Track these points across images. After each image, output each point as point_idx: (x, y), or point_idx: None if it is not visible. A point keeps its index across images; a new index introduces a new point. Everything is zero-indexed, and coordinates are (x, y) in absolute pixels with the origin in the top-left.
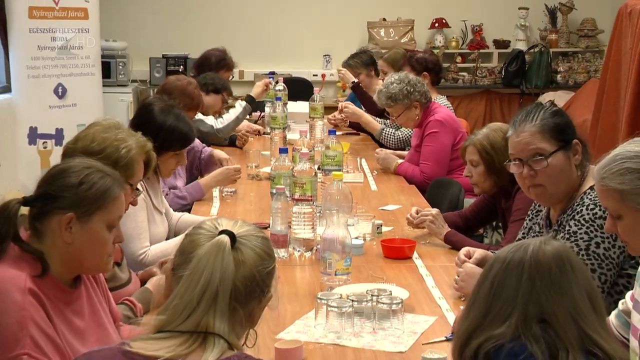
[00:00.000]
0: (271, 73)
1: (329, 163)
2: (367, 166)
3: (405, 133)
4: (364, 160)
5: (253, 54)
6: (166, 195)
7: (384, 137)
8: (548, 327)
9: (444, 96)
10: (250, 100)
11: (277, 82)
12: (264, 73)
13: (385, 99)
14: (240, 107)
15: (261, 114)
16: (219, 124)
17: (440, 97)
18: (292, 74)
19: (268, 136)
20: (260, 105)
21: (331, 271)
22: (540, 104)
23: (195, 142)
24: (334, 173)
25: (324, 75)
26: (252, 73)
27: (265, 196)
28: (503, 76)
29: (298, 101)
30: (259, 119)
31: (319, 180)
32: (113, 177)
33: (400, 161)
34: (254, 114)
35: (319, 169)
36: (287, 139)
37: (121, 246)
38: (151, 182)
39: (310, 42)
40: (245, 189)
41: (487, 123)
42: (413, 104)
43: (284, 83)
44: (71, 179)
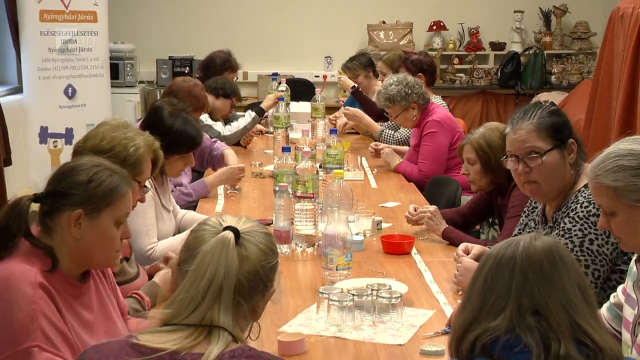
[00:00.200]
0: (274, 74)
1: (330, 161)
2: (367, 164)
3: (404, 134)
4: (364, 159)
5: (257, 56)
6: (172, 191)
7: (384, 139)
8: (541, 318)
9: (439, 96)
10: (259, 112)
11: (280, 83)
12: (268, 74)
13: (384, 100)
14: (249, 118)
15: (265, 114)
16: (226, 131)
17: (436, 97)
18: (294, 75)
19: (271, 135)
20: None
21: (332, 266)
22: (540, 103)
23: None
24: (335, 171)
25: (325, 77)
26: (255, 74)
27: (268, 193)
28: (499, 77)
29: (300, 101)
30: (263, 118)
31: (320, 178)
32: (121, 174)
33: (400, 160)
34: None
35: (321, 167)
36: (290, 138)
37: (130, 242)
38: (159, 181)
39: (312, 44)
40: (249, 186)
41: (483, 123)
42: (411, 105)
43: (287, 84)
44: (80, 176)
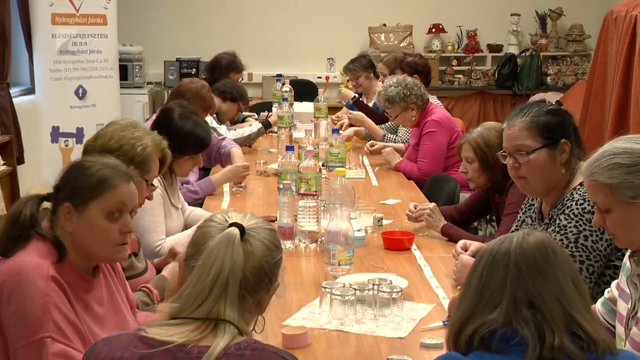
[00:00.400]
0: (278, 75)
1: (333, 160)
2: (369, 163)
3: (404, 137)
4: (365, 158)
5: (261, 58)
6: (179, 189)
7: (386, 142)
8: (536, 311)
9: (435, 96)
10: (266, 124)
11: (283, 84)
12: (272, 75)
13: (383, 101)
14: (255, 128)
15: (269, 114)
16: (231, 135)
17: (431, 97)
18: (297, 76)
19: (275, 135)
20: (268, 106)
21: (335, 261)
22: (541, 102)
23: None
24: (337, 169)
25: (327, 78)
26: (260, 75)
27: (272, 191)
28: (496, 78)
29: (303, 102)
30: (267, 118)
31: (323, 176)
32: (114, 168)
33: (400, 159)
34: (262, 114)
35: (323, 165)
36: (293, 137)
37: (139, 238)
38: (169, 180)
39: (314, 46)
40: (254, 184)
41: (481, 122)
42: (410, 106)
43: (290, 85)
44: (73, 173)
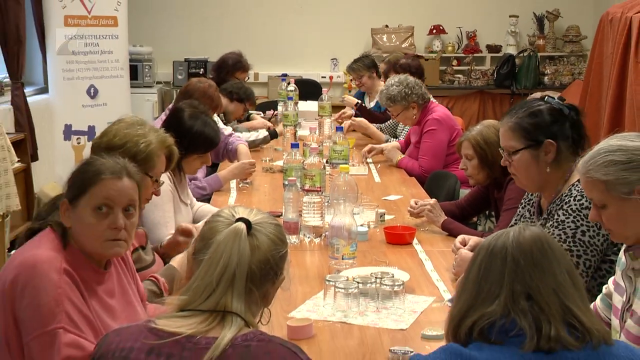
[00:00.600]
0: (284, 75)
1: (337, 157)
2: (371, 160)
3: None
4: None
5: (267, 58)
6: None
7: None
8: (533, 303)
9: (430, 96)
10: (273, 134)
11: (289, 83)
12: (277, 75)
13: (385, 100)
14: (261, 135)
15: (274, 113)
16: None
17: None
18: (302, 76)
19: (280, 123)
20: (274, 105)
21: (338, 255)
22: (534, 100)
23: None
24: (341, 166)
25: (331, 77)
26: (266, 75)
27: (278, 187)
28: (495, 78)
29: (308, 101)
30: (273, 117)
31: (327, 172)
32: (107, 164)
33: (403, 156)
34: (268, 112)
35: (327, 162)
36: (298, 135)
37: (148, 232)
38: (178, 178)
39: (319, 47)
40: (260, 180)
41: (480, 121)
42: (411, 105)
43: (295, 84)
44: (75, 170)
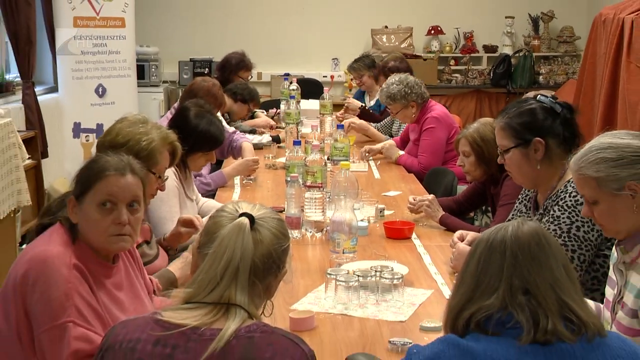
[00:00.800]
0: (286, 74)
1: (337, 154)
2: (371, 157)
3: (396, 134)
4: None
5: (270, 58)
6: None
7: None
8: (531, 297)
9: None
10: (276, 139)
11: (291, 83)
12: (280, 74)
13: (385, 98)
14: (265, 139)
15: (277, 111)
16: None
17: None
18: (304, 75)
19: (283, 130)
20: (277, 103)
21: (339, 250)
22: (526, 99)
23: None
24: (341, 163)
25: (332, 77)
26: (269, 74)
27: (280, 183)
28: (491, 77)
29: (310, 99)
30: (275, 115)
31: (328, 169)
32: (111, 161)
33: (401, 153)
34: (271, 110)
35: (329, 159)
36: (300, 132)
37: (155, 226)
38: (184, 174)
39: (320, 47)
40: (263, 177)
41: (477, 119)
42: (410, 104)
43: (297, 83)
44: (81, 168)
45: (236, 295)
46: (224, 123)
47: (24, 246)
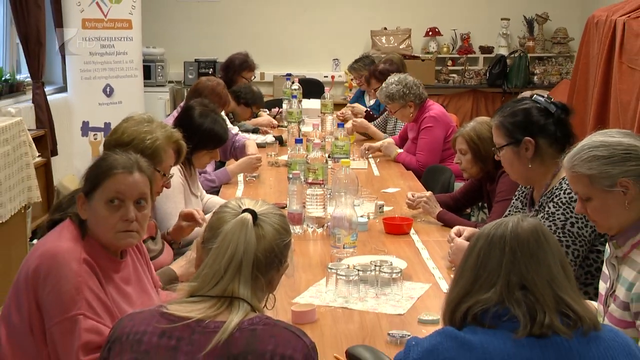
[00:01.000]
0: (288, 74)
1: (338, 152)
2: (371, 155)
3: (392, 132)
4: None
5: (273, 58)
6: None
7: None
8: (528, 293)
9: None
10: (280, 139)
11: (293, 82)
12: (282, 75)
13: (384, 97)
14: (269, 139)
15: (279, 110)
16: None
17: None
18: (306, 75)
19: (285, 129)
20: (279, 102)
21: (340, 245)
22: (522, 99)
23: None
24: (342, 160)
25: (333, 77)
26: (271, 75)
27: (283, 180)
28: (487, 77)
29: (311, 99)
30: (278, 114)
31: (329, 166)
32: (119, 160)
33: (399, 151)
34: (273, 110)
35: (329, 157)
36: (302, 131)
37: (161, 222)
38: (189, 171)
39: (321, 48)
40: (266, 174)
41: (474, 118)
42: (408, 104)
43: (299, 83)
44: (90, 166)
45: (239, 289)
46: (229, 124)
47: (34, 241)
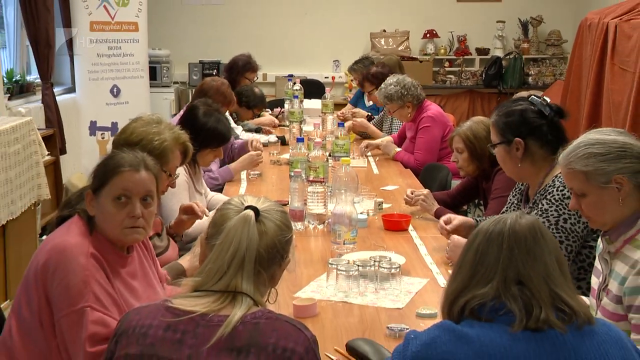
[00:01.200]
0: (290, 75)
1: (338, 150)
2: (370, 153)
3: (388, 132)
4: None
5: (275, 60)
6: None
7: None
8: (524, 288)
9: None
10: (282, 139)
11: (294, 83)
12: (284, 75)
13: (383, 97)
14: (271, 139)
15: (281, 110)
16: (245, 136)
17: None
18: (307, 76)
19: (287, 128)
20: (281, 102)
21: (340, 241)
22: (518, 99)
23: None
24: (342, 159)
25: (333, 78)
26: (274, 75)
27: (284, 178)
28: (483, 78)
29: (312, 99)
30: (280, 113)
31: (330, 165)
32: (126, 158)
33: (398, 149)
34: (275, 110)
35: (330, 155)
36: (303, 130)
37: (166, 218)
38: (193, 170)
39: (322, 49)
40: (268, 172)
41: (470, 117)
42: (406, 104)
43: (301, 84)
44: (98, 164)
45: (242, 284)
46: (233, 123)
47: (44, 237)
